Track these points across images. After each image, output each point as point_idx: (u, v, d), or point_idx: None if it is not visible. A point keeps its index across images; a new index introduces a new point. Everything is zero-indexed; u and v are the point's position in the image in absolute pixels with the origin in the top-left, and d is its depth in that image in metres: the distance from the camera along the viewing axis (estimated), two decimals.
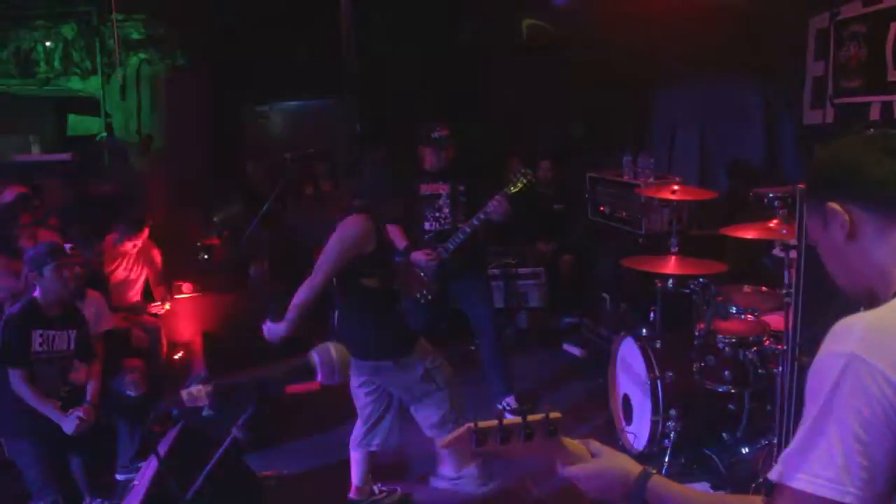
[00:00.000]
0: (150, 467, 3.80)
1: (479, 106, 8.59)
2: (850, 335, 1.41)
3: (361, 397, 4.38)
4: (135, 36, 8.53)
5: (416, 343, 4.32)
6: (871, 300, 1.53)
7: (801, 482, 1.38)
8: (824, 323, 1.49)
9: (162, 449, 3.20)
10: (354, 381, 4.33)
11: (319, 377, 1.66)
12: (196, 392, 1.63)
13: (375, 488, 4.64)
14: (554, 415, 1.67)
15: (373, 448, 4.45)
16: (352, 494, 4.56)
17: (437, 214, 5.65)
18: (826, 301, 1.69)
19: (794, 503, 1.40)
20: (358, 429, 4.47)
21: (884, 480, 1.35)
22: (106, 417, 4.74)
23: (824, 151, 1.66)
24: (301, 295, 4.03)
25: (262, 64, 8.56)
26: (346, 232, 4.04)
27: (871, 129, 3.60)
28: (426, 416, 4.37)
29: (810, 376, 1.45)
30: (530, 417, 1.65)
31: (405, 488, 4.74)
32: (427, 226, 5.67)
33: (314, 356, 1.68)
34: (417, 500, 4.71)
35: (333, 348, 1.70)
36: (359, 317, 4.27)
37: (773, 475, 1.45)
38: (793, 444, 1.43)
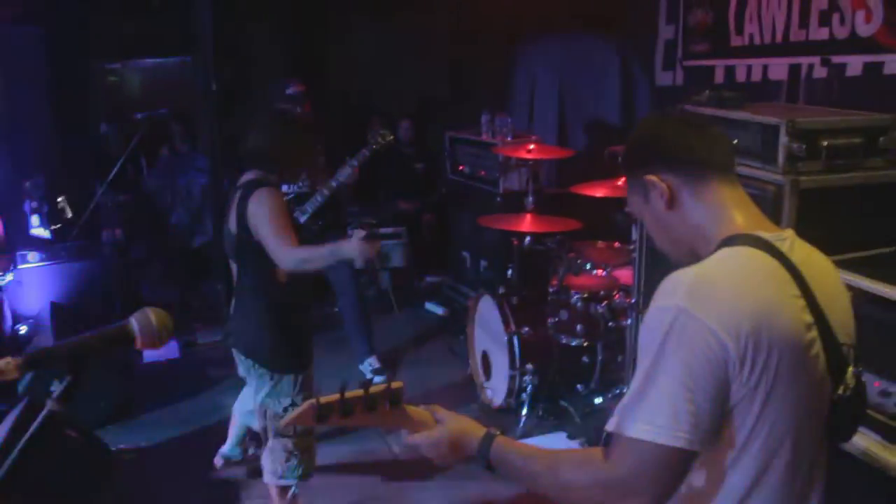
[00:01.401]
0: None
1: (338, 65, 8.46)
2: (678, 289, 1.50)
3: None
4: None
5: (305, 369, 3.63)
6: (696, 261, 1.61)
7: (636, 430, 1.47)
8: (666, 276, 1.57)
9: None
10: None
11: (139, 344, 1.61)
12: (3, 365, 1.54)
13: (251, 450, 4.54)
14: (395, 385, 1.70)
15: (253, 427, 4.17)
16: (224, 450, 4.47)
17: None
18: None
19: (629, 451, 1.48)
20: (243, 400, 4.18)
21: (710, 422, 1.46)
22: None
23: (636, 131, 1.79)
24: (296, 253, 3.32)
25: (111, 19, 8.13)
26: (269, 201, 3.37)
27: (710, 92, 3.79)
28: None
29: (642, 330, 1.54)
30: (372, 389, 1.67)
31: None
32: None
33: (133, 322, 1.62)
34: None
35: (152, 313, 1.64)
36: (254, 310, 3.55)
37: (609, 426, 1.53)
38: (627, 396, 1.52)
